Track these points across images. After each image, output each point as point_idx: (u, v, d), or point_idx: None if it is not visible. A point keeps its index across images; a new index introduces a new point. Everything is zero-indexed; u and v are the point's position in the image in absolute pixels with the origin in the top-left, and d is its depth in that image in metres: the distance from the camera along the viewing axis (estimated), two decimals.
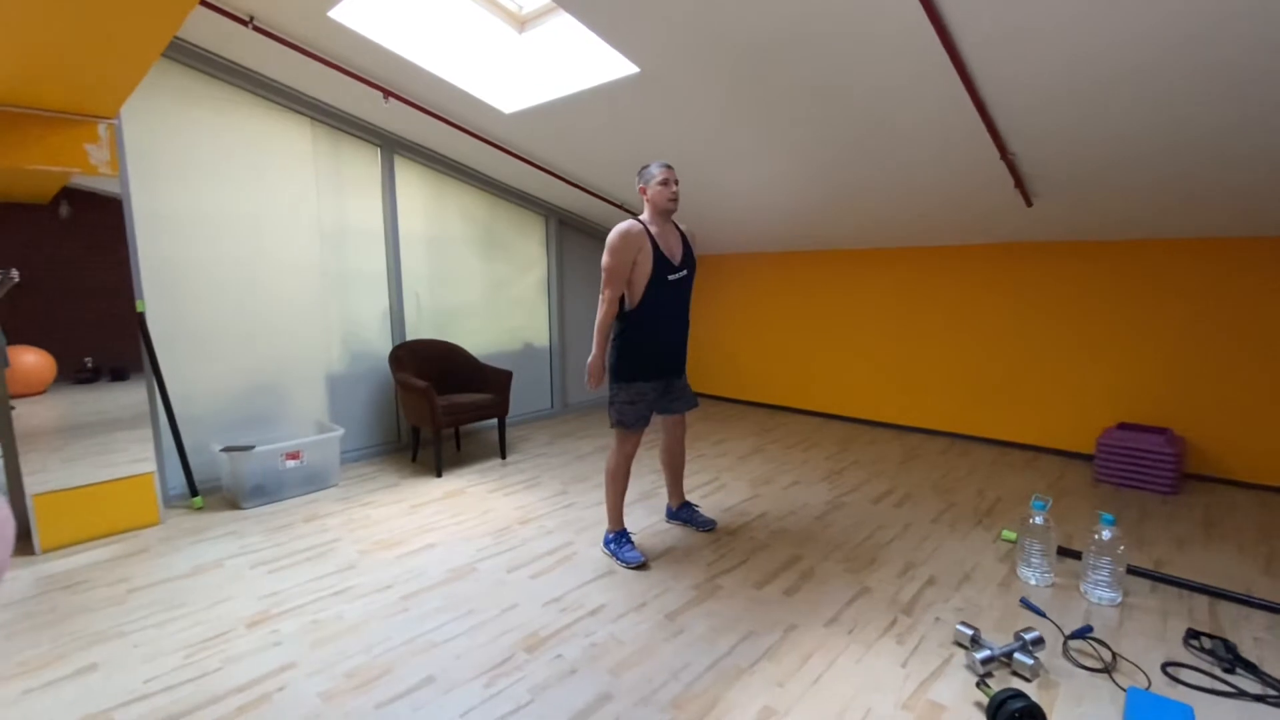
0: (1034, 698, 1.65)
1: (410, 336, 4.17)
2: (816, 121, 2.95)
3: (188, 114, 3.14)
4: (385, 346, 4.09)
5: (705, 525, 2.89)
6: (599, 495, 3.31)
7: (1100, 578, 2.27)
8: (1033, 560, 2.41)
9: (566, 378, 5.42)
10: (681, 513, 2.95)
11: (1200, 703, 1.72)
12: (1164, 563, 2.55)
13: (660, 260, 2.44)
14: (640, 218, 2.49)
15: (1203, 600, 2.26)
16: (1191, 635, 2.01)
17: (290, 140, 3.54)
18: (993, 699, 1.62)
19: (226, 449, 3.05)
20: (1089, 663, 1.90)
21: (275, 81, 3.34)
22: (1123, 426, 3.65)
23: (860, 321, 4.93)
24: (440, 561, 2.57)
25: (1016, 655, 1.85)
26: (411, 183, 4.16)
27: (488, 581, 2.41)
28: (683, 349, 2.67)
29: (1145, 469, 3.39)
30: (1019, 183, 3.05)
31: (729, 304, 5.83)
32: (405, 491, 3.39)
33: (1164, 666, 1.88)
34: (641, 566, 2.51)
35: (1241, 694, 1.75)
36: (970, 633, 1.96)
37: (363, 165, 3.88)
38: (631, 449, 2.58)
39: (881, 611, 2.20)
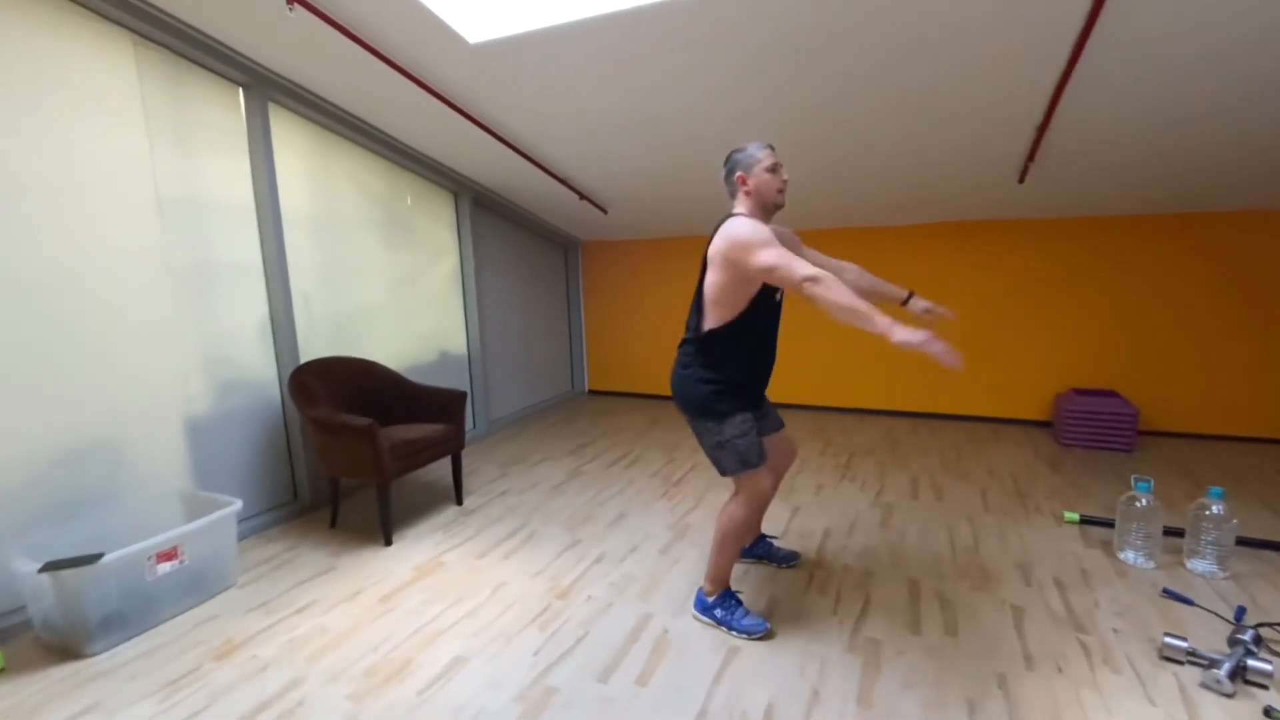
0: None
1: (304, 353, 3.00)
2: (861, 81, 2.57)
3: None
4: (269, 370, 2.89)
5: (788, 560, 2.39)
6: (621, 538, 2.64)
7: (1207, 551, 2.24)
8: (1136, 542, 2.33)
9: (489, 391, 4.49)
10: (757, 548, 2.42)
11: None
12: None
13: None
14: (734, 214, 1.88)
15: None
16: None
17: (103, 68, 2.25)
18: None
19: (48, 567, 1.80)
20: None
21: None
22: (1078, 392, 3.92)
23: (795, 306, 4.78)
24: (491, 687, 1.73)
25: (1251, 662, 1.67)
26: (291, 141, 2.97)
27: (585, 706, 1.65)
28: (770, 373, 2.09)
29: (1106, 430, 3.65)
30: (1032, 156, 3.00)
31: (659, 294, 5.35)
32: (353, 576, 2.37)
33: None
34: (767, 635, 1.93)
35: None
36: (1184, 645, 1.75)
37: (218, 111, 2.64)
38: (767, 489, 1.95)
39: (1060, 635, 1.91)
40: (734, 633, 1.94)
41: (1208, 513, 2.22)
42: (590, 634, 1.96)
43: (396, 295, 3.68)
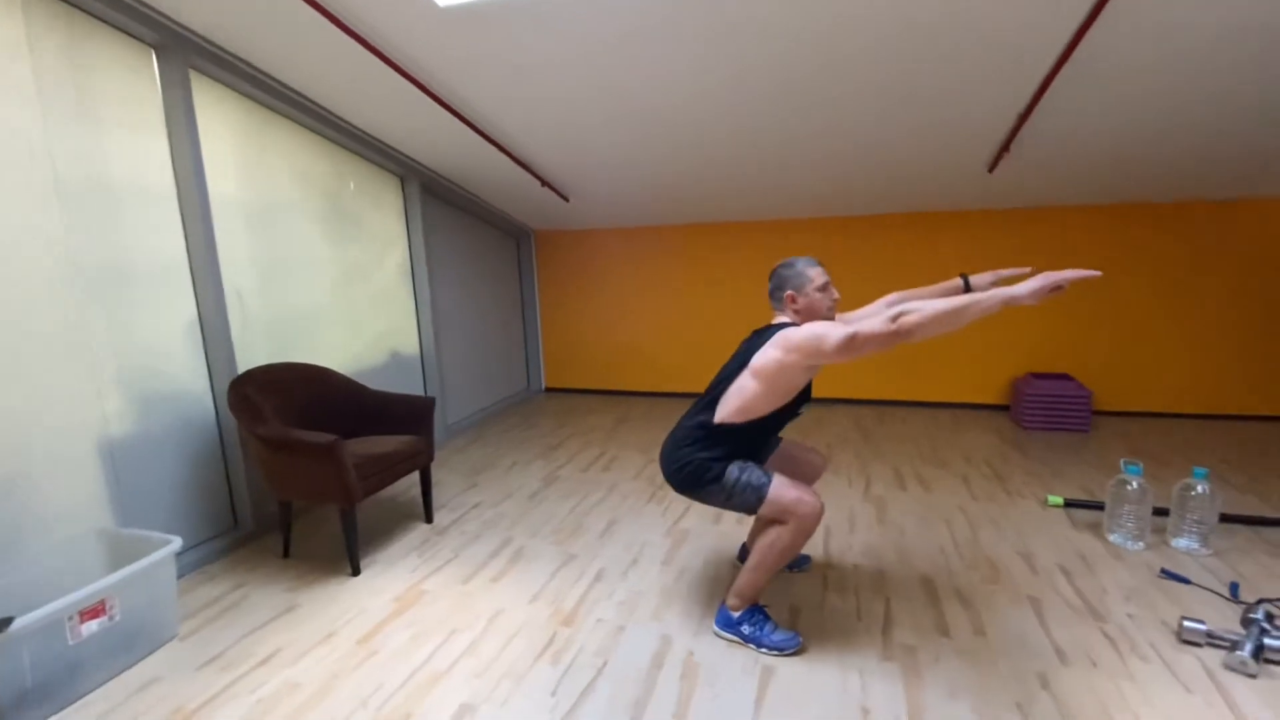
0: None
1: (240, 360, 2.62)
2: (843, 65, 2.48)
3: None
4: (200, 381, 2.50)
5: (800, 564, 2.30)
6: (617, 550, 2.47)
7: (1191, 529, 2.33)
8: (1127, 524, 2.39)
9: (445, 394, 4.17)
10: None
11: None
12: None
13: (808, 386, 1.83)
14: (786, 323, 1.81)
15: (1265, 533, 2.47)
16: None
17: None
18: None
19: None
20: None
21: None
22: (1035, 376, 4.07)
23: (759, 295, 4.76)
24: None
25: (1268, 641, 1.71)
26: (218, 117, 2.57)
27: None
28: None
29: (1064, 413, 3.81)
30: (1007, 145, 3.04)
31: (620, 286, 5.17)
32: (321, 615, 2.07)
33: None
34: (799, 650, 1.82)
35: None
36: (1203, 627, 1.78)
37: (128, 78, 2.23)
38: (818, 508, 1.71)
39: (1081, 625, 1.91)
40: (764, 650, 1.81)
41: (1193, 493, 2.31)
42: (609, 664, 1.78)
43: (341, 292, 3.31)
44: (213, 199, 2.49)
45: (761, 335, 1.78)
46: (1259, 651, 1.68)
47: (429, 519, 2.79)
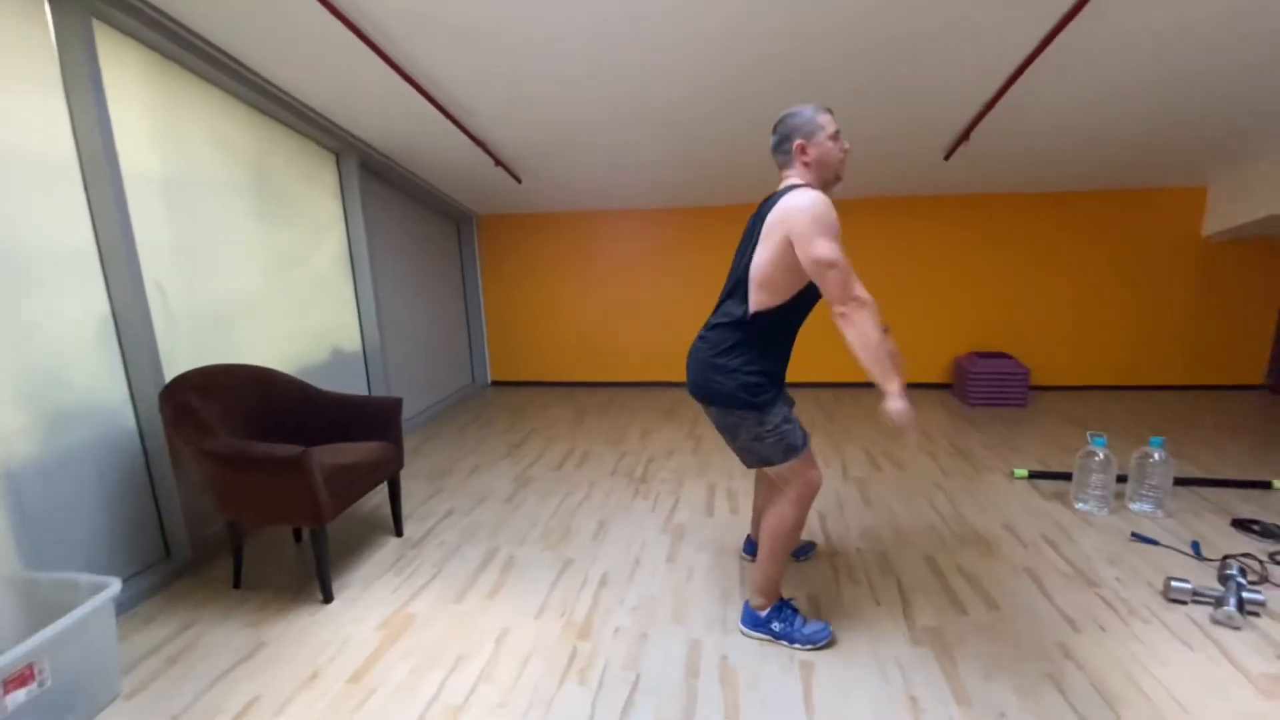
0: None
1: (166, 363, 2.24)
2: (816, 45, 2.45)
3: None
4: (118, 389, 2.12)
5: (805, 551, 2.28)
6: (616, 551, 2.35)
7: (1148, 494, 2.52)
8: (1094, 493, 2.55)
9: (392, 390, 3.83)
10: None
11: None
12: (1061, 461, 3.01)
13: None
14: (796, 184, 1.62)
15: (1202, 493, 2.70)
16: (1239, 523, 2.37)
17: None
18: None
19: None
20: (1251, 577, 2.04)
21: None
22: (978, 355, 4.30)
23: (714, 281, 4.76)
24: None
25: (1246, 595, 1.86)
26: (128, 79, 2.16)
27: None
28: None
29: (1005, 389, 4.06)
30: (967, 134, 3.14)
31: (572, 273, 4.97)
32: (297, 652, 1.81)
33: (1272, 555, 2.14)
34: (831, 642, 1.79)
35: None
36: (1188, 586, 1.91)
37: (14, 26, 1.81)
38: (818, 479, 1.74)
39: (1079, 592, 2.00)
40: (796, 645, 1.76)
41: (1151, 460, 2.49)
42: (642, 677, 1.67)
43: (275, 281, 2.93)
44: (125, 173, 2.09)
45: (772, 199, 1.61)
46: (1241, 605, 1.82)
47: (399, 532, 2.54)
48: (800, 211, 1.50)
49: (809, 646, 1.76)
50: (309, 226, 3.19)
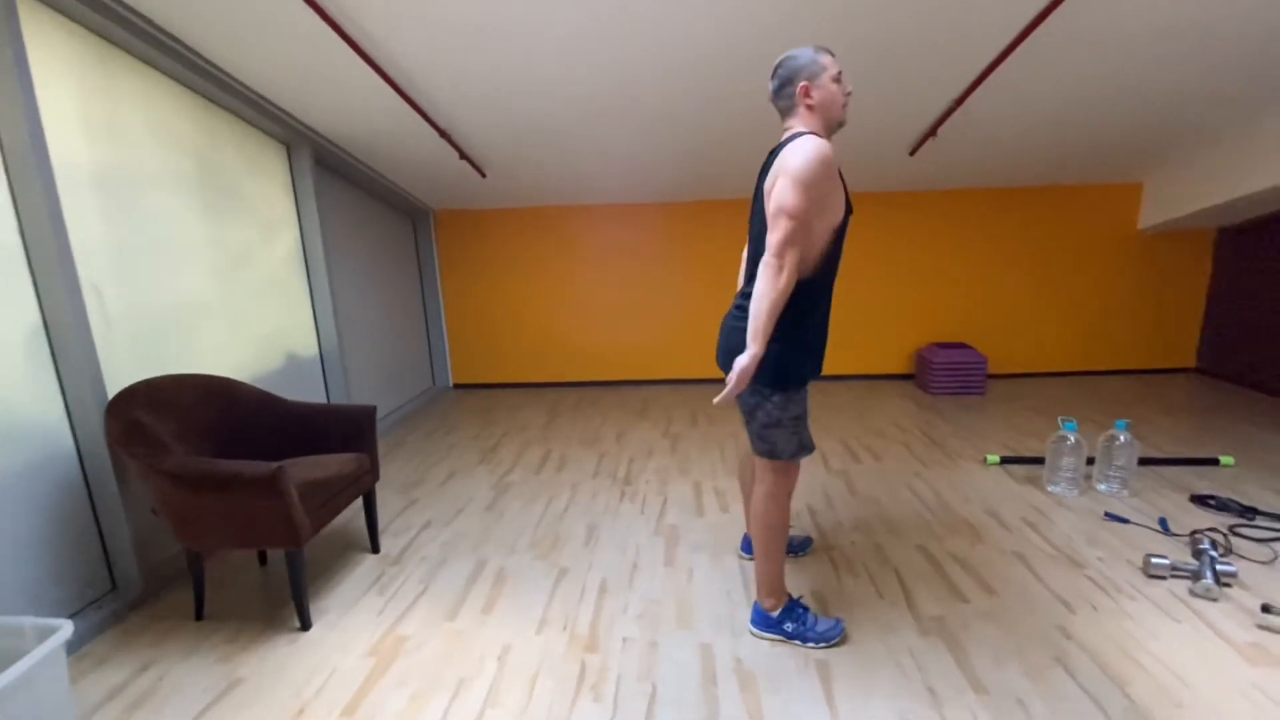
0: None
1: (107, 376, 2.01)
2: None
3: None
4: (52, 406, 1.89)
5: (803, 547, 2.27)
6: (610, 557, 2.28)
7: (1115, 475, 2.64)
8: (1065, 475, 2.65)
9: (353, 399, 3.62)
10: None
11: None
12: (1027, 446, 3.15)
13: (847, 197, 1.63)
14: (801, 131, 1.58)
15: (1160, 471, 2.85)
16: (1197, 499, 2.51)
17: None
18: None
19: None
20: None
21: None
22: (938, 345, 4.43)
23: (680, 279, 4.75)
24: None
25: (1220, 567, 1.96)
26: (57, 60, 1.93)
27: None
28: None
29: (966, 377, 4.20)
30: (934, 130, 3.21)
31: (537, 270, 4.85)
32: (278, 687, 1.65)
33: (1231, 528, 2.27)
34: (844, 638, 1.77)
35: None
36: (1166, 562, 2.01)
37: None
38: (794, 483, 1.76)
39: (1067, 573, 2.07)
40: (810, 644, 1.74)
41: (1117, 442, 2.61)
42: (659, 687, 1.61)
43: (224, 283, 2.70)
44: (56, 165, 1.86)
45: (777, 152, 1.56)
46: (1216, 577, 1.92)
47: (375, 548, 2.38)
48: (795, 156, 1.45)
49: (823, 645, 1.74)
50: (260, 223, 2.96)
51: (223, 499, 1.75)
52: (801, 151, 1.45)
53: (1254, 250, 4.20)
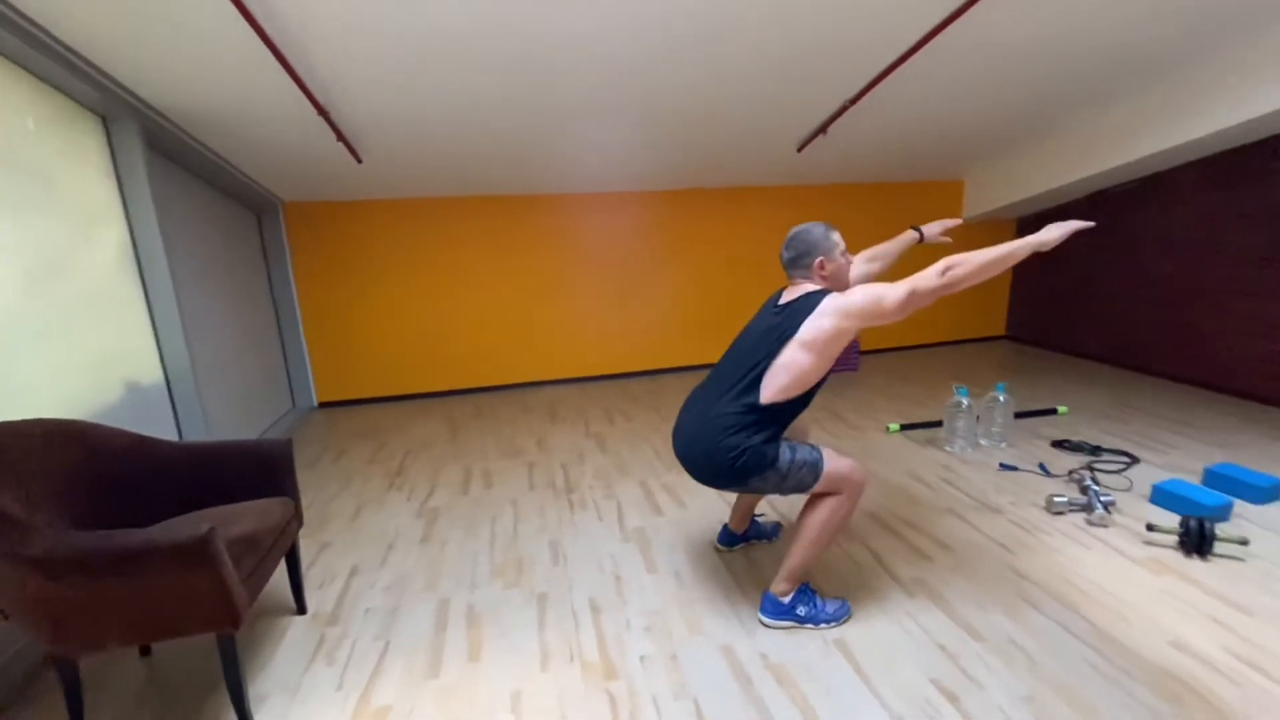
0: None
1: None
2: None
3: None
4: None
5: (774, 532, 2.31)
6: (589, 574, 2.16)
7: (998, 431, 3.07)
8: (960, 436, 3.03)
9: (211, 430, 2.97)
10: (750, 532, 2.26)
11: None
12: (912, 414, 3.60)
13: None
14: (824, 290, 1.74)
15: (1022, 424, 3.34)
16: (1056, 444, 3.02)
17: None
18: (1195, 529, 2.03)
19: None
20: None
21: None
22: None
23: (570, 275, 4.65)
24: None
25: (1104, 498, 2.37)
26: None
27: None
28: None
29: (843, 357, 4.61)
30: (825, 129, 3.44)
31: (414, 269, 4.38)
32: None
33: (1090, 465, 2.77)
34: (850, 615, 1.84)
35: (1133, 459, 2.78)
36: (1064, 499, 2.38)
37: None
38: (860, 474, 1.75)
39: (993, 519, 2.35)
40: (822, 625, 1.78)
41: (999, 402, 3.03)
42: (700, 699, 1.53)
43: (31, 297, 2.04)
44: None
45: (797, 306, 1.70)
46: (1105, 506, 2.31)
47: (301, 608, 1.98)
48: (858, 298, 1.61)
49: (834, 624, 1.79)
50: (75, 217, 2.28)
51: (128, 583, 1.31)
52: (844, 305, 1.62)
53: None
